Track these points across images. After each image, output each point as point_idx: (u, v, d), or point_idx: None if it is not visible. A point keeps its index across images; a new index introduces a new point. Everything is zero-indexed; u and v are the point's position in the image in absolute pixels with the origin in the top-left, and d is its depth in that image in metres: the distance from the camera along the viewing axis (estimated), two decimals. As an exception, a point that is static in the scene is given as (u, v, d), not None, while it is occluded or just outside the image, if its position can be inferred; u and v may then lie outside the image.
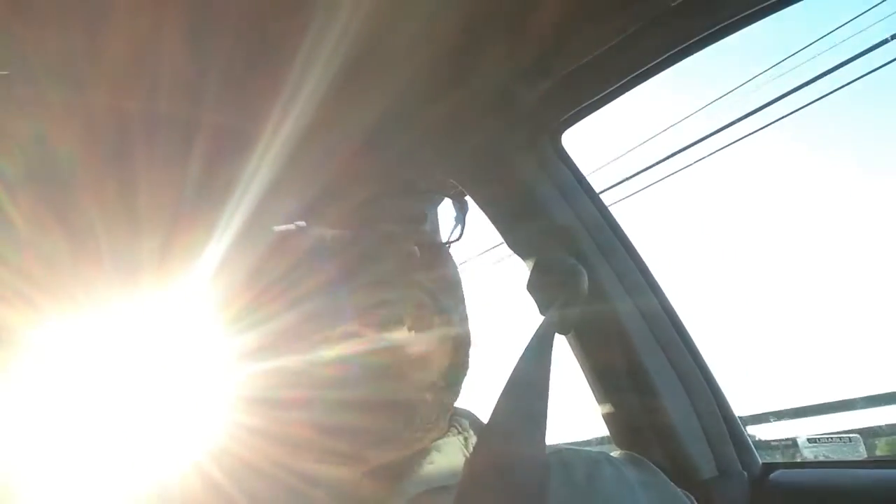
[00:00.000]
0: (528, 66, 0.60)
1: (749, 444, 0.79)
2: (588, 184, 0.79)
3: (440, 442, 0.44)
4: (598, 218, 0.78)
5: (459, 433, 0.46)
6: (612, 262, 0.77)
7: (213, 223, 0.44)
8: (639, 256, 0.79)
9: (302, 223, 0.43)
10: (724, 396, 0.79)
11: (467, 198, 0.79)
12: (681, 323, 0.79)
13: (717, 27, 0.59)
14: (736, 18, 0.58)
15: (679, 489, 0.49)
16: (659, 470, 0.50)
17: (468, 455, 0.43)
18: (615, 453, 0.73)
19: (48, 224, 0.61)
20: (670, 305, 0.79)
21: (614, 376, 0.77)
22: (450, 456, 0.43)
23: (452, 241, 0.48)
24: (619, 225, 0.79)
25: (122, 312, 0.64)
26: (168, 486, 0.42)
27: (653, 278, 0.79)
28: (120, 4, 0.44)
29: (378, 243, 0.41)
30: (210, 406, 0.45)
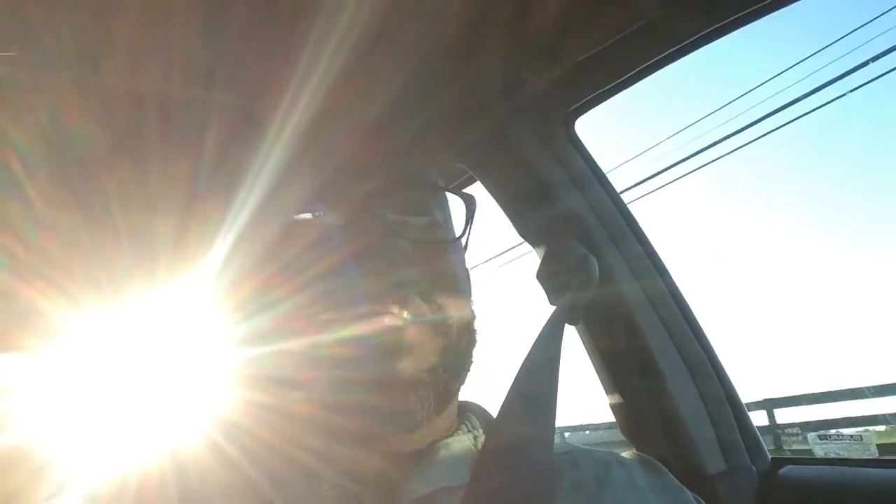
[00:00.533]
0: (539, 51, 0.59)
1: (758, 438, 0.78)
2: (600, 171, 0.78)
3: (450, 440, 0.44)
4: (610, 205, 0.77)
5: (469, 431, 0.46)
6: (623, 251, 0.76)
7: (227, 206, 0.45)
8: (649, 244, 0.78)
9: (312, 213, 0.43)
10: (733, 389, 0.78)
11: (478, 184, 0.79)
12: (691, 313, 0.78)
13: (735, 17, 0.58)
14: (755, 7, 0.56)
15: (690, 493, 0.48)
16: (670, 473, 0.50)
17: (477, 453, 0.43)
18: (626, 454, 0.73)
19: (67, 206, 0.61)
20: (681, 295, 0.78)
21: (623, 366, 0.77)
22: (458, 455, 0.43)
23: (454, 239, 0.48)
24: (630, 213, 0.78)
25: (139, 294, 0.65)
26: (184, 461, 0.43)
27: (663, 267, 0.78)
28: None
29: (382, 233, 0.41)
30: (223, 384, 0.46)
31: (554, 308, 0.54)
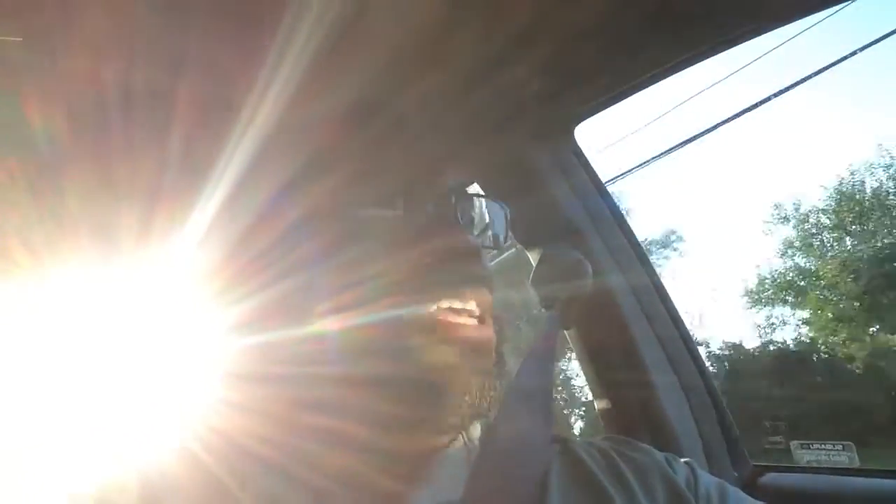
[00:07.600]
0: (541, 57, 0.58)
1: (741, 446, 0.80)
2: (597, 177, 0.78)
3: (443, 453, 0.42)
4: (607, 213, 0.77)
5: (465, 444, 0.44)
6: (617, 258, 0.76)
7: (195, 196, 0.43)
8: (643, 254, 0.79)
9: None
10: (719, 398, 0.80)
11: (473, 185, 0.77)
12: (681, 321, 0.79)
13: (736, 33, 0.57)
14: (755, 24, 0.56)
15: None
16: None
17: (471, 466, 0.42)
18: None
19: (21, 201, 0.57)
20: (672, 303, 0.79)
21: (613, 373, 0.78)
22: (456, 466, 0.41)
23: (507, 245, 0.48)
24: (625, 220, 0.79)
25: (101, 289, 0.62)
26: (154, 468, 0.41)
27: (657, 276, 0.79)
28: None
29: (357, 225, 0.41)
30: (197, 383, 0.44)
31: (548, 313, 0.54)
